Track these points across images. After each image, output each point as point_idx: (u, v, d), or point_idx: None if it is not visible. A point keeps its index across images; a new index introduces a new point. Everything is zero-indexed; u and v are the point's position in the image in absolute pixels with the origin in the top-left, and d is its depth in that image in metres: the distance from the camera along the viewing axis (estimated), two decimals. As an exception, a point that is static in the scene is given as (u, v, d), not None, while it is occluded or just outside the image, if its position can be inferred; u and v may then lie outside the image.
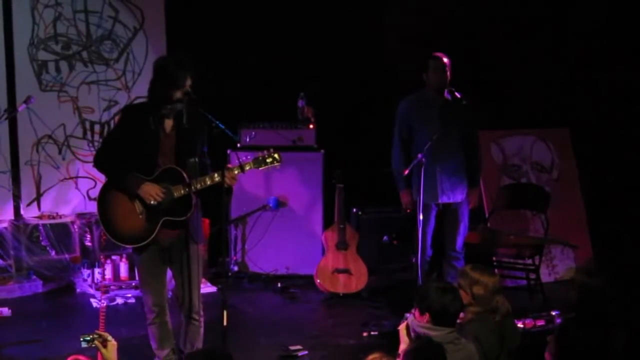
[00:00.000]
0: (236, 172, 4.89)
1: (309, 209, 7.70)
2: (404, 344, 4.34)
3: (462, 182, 6.60)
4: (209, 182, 4.86)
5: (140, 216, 4.89)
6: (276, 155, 5.01)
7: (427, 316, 4.22)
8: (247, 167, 4.96)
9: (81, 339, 3.99)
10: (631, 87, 7.54)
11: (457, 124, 6.47)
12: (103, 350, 3.97)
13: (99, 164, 5.10)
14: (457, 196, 6.59)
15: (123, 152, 4.89)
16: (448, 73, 6.46)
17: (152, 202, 4.83)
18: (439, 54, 6.48)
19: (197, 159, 4.90)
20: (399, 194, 6.70)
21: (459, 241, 6.67)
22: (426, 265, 6.52)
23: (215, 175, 4.85)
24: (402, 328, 4.41)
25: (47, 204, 7.55)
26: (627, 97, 7.58)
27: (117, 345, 4.03)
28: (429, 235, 6.52)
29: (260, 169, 5.05)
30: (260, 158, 4.99)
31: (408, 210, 6.73)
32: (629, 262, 7.10)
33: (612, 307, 4.45)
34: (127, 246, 5.41)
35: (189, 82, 4.82)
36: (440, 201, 6.53)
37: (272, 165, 5.02)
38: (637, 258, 7.10)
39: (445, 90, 6.49)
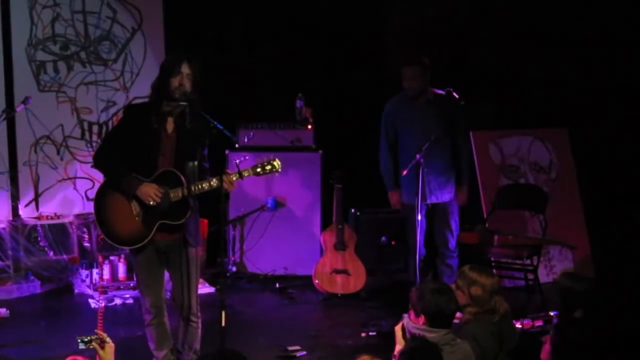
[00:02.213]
0: (234, 178, 4.87)
1: (307, 210, 7.70)
2: (399, 345, 4.34)
3: (449, 181, 6.64)
4: (206, 187, 4.83)
5: (137, 218, 4.88)
6: (275, 163, 4.96)
7: (422, 318, 4.22)
8: (246, 174, 4.93)
9: (78, 340, 3.98)
10: (630, 88, 7.53)
11: (443, 123, 6.48)
12: (100, 352, 3.96)
13: (98, 162, 5.09)
14: (444, 196, 6.63)
15: (123, 151, 4.87)
16: (421, 78, 6.45)
17: (150, 203, 4.82)
18: (410, 60, 6.48)
19: (196, 163, 4.88)
20: (388, 194, 6.74)
21: (451, 240, 6.70)
22: (421, 265, 6.54)
23: (214, 180, 4.82)
24: (397, 329, 4.40)
25: (45, 205, 7.54)
26: (626, 97, 7.58)
27: (114, 347, 4.03)
28: (421, 235, 6.53)
29: (259, 176, 5.03)
30: (260, 165, 4.96)
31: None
32: (627, 263, 7.12)
33: (598, 309, 4.47)
34: (123, 247, 5.40)
35: (186, 70, 4.82)
36: (428, 202, 6.56)
37: (271, 172, 4.99)
38: (635, 258, 7.11)
39: (430, 91, 6.49)
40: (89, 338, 3.98)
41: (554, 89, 7.81)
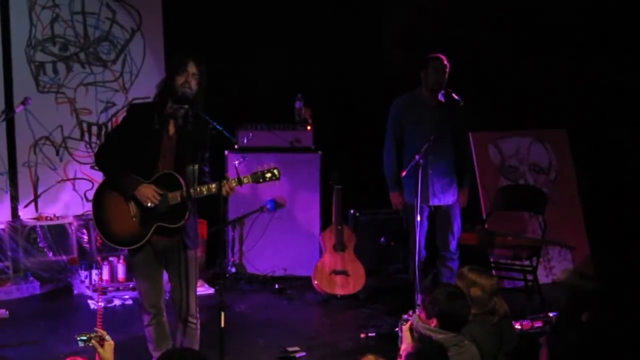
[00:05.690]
0: (234, 184, 4.86)
1: (307, 211, 7.70)
2: (405, 344, 4.34)
3: (452, 183, 6.62)
4: (205, 192, 4.82)
5: (134, 219, 4.87)
6: (276, 171, 4.94)
7: (434, 320, 4.21)
8: (246, 181, 4.91)
9: (78, 338, 3.98)
10: (628, 88, 7.54)
11: (449, 125, 6.47)
12: (100, 349, 3.96)
13: (99, 161, 5.11)
14: (447, 198, 6.60)
15: (124, 151, 4.86)
16: (446, 73, 6.47)
17: (148, 205, 4.81)
18: (440, 55, 6.49)
19: (196, 166, 4.86)
20: (389, 195, 6.72)
21: (453, 242, 6.68)
22: (421, 267, 6.52)
23: (213, 185, 4.81)
24: (406, 329, 4.41)
25: (44, 206, 7.54)
26: (625, 98, 7.58)
27: (114, 346, 4.02)
28: (423, 236, 6.52)
29: (258, 183, 5.02)
30: (260, 173, 4.94)
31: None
32: (626, 263, 7.11)
33: (603, 310, 4.45)
34: (120, 248, 5.38)
35: (193, 70, 4.82)
36: (431, 203, 6.54)
37: (271, 180, 4.98)
38: (634, 259, 7.11)
39: (440, 92, 6.48)
40: (88, 336, 3.98)
41: (553, 89, 7.81)
